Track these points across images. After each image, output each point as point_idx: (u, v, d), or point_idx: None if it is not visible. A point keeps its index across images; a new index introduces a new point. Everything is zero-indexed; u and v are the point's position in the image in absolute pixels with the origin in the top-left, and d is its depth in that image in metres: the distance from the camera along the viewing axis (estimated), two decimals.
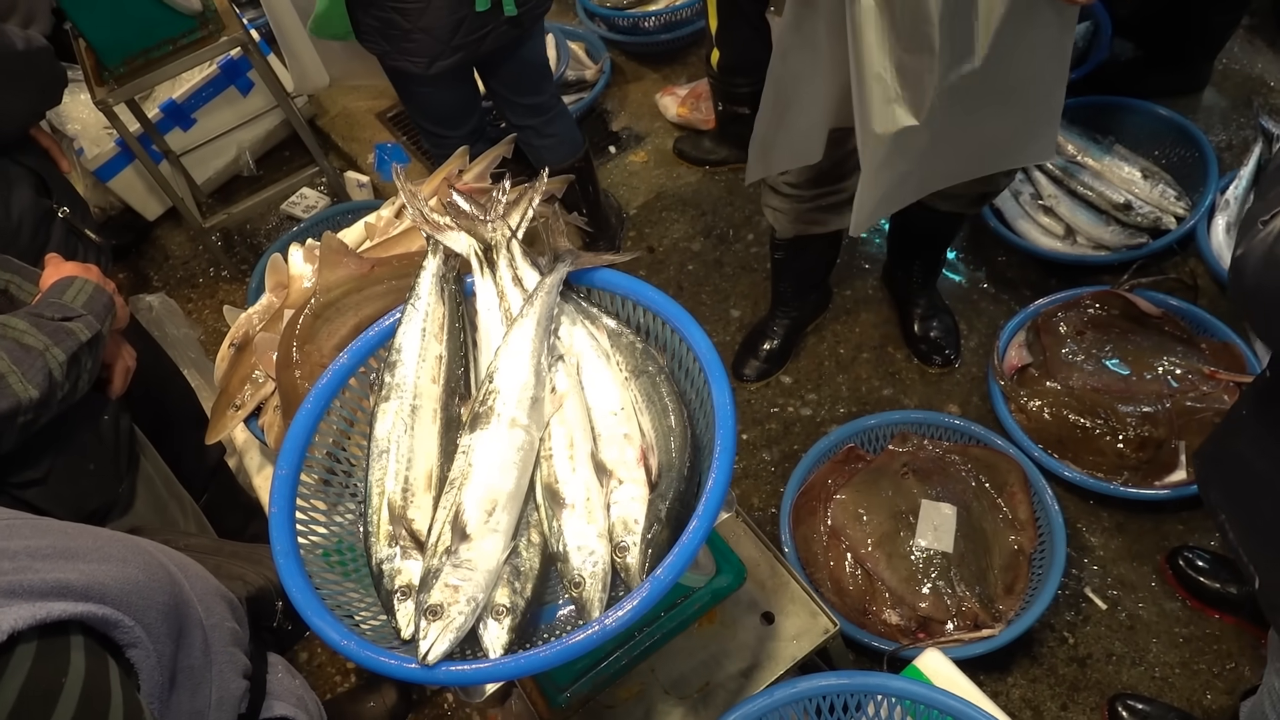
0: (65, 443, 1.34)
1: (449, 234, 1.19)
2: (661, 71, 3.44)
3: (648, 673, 1.39)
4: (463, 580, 0.94)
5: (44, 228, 1.66)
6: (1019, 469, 2.03)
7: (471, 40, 2.07)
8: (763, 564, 1.47)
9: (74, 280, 1.33)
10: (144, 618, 0.84)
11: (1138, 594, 1.97)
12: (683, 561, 0.90)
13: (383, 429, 1.10)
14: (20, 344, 1.18)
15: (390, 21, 2.04)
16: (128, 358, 1.47)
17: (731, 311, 2.66)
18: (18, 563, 0.77)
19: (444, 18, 2.01)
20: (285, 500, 1.04)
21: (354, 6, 2.07)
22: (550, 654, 0.87)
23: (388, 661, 0.90)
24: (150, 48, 2.55)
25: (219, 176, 3.45)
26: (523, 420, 1.04)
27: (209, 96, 3.22)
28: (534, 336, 1.08)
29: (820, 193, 1.96)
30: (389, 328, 1.18)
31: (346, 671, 2.18)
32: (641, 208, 2.99)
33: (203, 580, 1.02)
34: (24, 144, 1.72)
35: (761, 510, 2.24)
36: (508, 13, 2.03)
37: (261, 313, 1.68)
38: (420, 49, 2.07)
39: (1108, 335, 2.20)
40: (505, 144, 1.84)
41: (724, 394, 1.00)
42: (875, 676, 1.22)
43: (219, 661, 0.97)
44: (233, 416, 1.59)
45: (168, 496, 1.57)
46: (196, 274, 3.26)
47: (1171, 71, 2.76)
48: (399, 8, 2.00)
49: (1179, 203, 2.47)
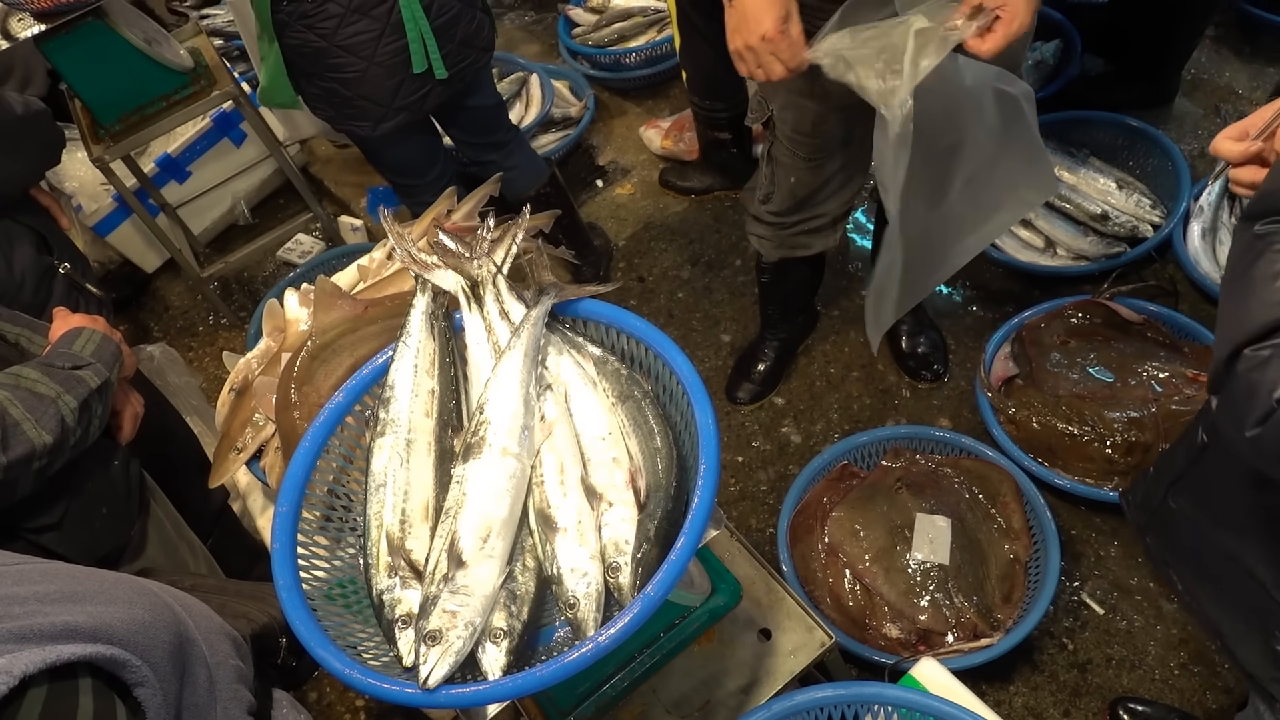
0: (78, 488, 1.37)
1: (436, 272, 1.23)
2: (644, 105, 3.51)
3: (649, 693, 1.41)
4: (460, 605, 0.97)
5: (46, 283, 1.71)
6: (1011, 479, 2.06)
7: (413, 101, 2.15)
8: (758, 581, 1.50)
9: (82, 330, 1.38)
10: (150, 657, 0.86)
11: (1135, 598, 1.99)
12: (671, 577, 0.93)
13: (379, 463, 1.13)
14: (33, 393, 1.22)
15: (332, 90, 2.12)
16: (136, 404, 1.51)
17: (722, 336, 2.70)
18: (27, 607, 0.79)
19: (383, 83, 2.09)
20: (287, 536, 1.07)
21: (296, 78, 2.15)
22: (547, 673, 0.90)
23: (389, 687, 0.93)
24: (144, 105, 2.62)
25: (215, 226, 3.51)
26: (514, 449, 1.07)
27: (203, 149, 3.29)
28: (522, 367, 1.12)
29: (802, 218, 2.01)
30: (382, 365, 1.22)
31: (355, 709, 2.19)
32: (630, 239, 3.04)
33: (207, 619, 1.05)
34: (24, 203, 1.78)
35: (760, 531, 2.27)
36: (438, 76, 2.11)
37: (260, 357, 1.72)
38: (364, 114, 2.15)
39: (1091, 343, 2.24)
40: (492, 183, 1.89)
41: (706, 414, 1.04)
42: (871, 686, 1.25)
43: (224, 699, 0.99)
44: (235, 459, 1.63)
45: (177, 539, 1.60)
46: (196, 323, 3.30)
47: (1141, 84, 2.82)
48: (338, 78, 2.08)
49: (1154, 211, 2.52)
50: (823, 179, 1.93)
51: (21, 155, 1.72)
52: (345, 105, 2.14)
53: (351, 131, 2.25)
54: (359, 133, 2.22)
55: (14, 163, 1.70)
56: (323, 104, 2.18)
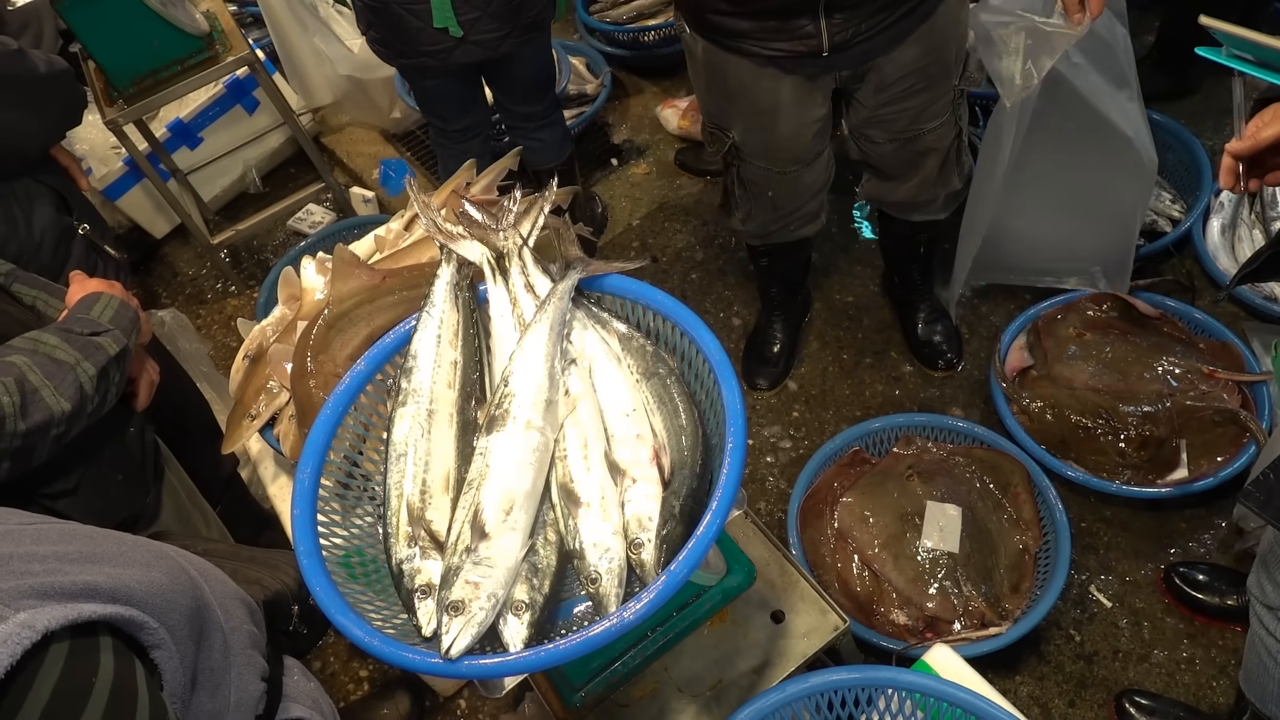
0: (94, 455, 1.36)
1: (462, 243, 1.22)
2: (661, 85, 3.48)
3: (661, 671, 1.41)
4: (483, 577, 0.96)
5: (65, 244, 1.70)
6: (1022, 469, 2.05)
7: (436, 50, 2.21)
8: (772, 563, 1.50)
9: (100, 296, 1.36)
10: (167, 620, 0.85)
11: (1142, 591, 1.99)
12: (698, 555, 0.92)
13: (400, 433, 1.12)
14: (52, 359, 1.21)
15: (374, 10, 2.21)
16: (151, 371, 1.50)
17: (734, 320, 2.69)
18: (46, 565, 0.78)
19: (403, 25, 2.18)
20: (307, 502, 1.06)
21: None
22: (571, 647, 0.89)
23: (412, 657, 0.92)
24: (159, 68, 2.59)
25: (226, 194, 3.49)
26: (538, 422, 1.07)
27: (215, 115, 3.27)
28: (547, 341, 1.11)
29: (787, 222, 2.07)
30: (404, 335, 1.20)
31: (359, 679, 2.20)
32: (645, 218, 3.02)
33: (221, 584, 1.04)
34: (45, 163, 1.76)
35: (769, 515, 2.27)
36: (454, 35, 2.16)
37: (275, 325, 1.71)
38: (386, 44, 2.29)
39: (1107, 336, 2.23)
40: (511, 157, 1.87)
41: (734, 392, 1.03)
42: (886, 670, 1.24)
43: (238, 664, 0.99)
44: (248, 426, 1.62)
45: (191, 507, 1.60)
46: (204, 290, 3.29)
47: (1164, 77, 2.79)
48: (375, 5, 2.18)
49: (1174, 206, 2.50)
50: (805, 184, 1.94)
51: (44, 114, 1.70)
52: (375, 28, 2.26)
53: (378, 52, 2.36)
54: (380, 57, 2.34)
55: (36, 121, 1.68)
56: (362, 19, 2.31)
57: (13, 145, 1.69)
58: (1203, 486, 2.00)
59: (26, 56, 1.65)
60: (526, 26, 2.22)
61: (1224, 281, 2.34)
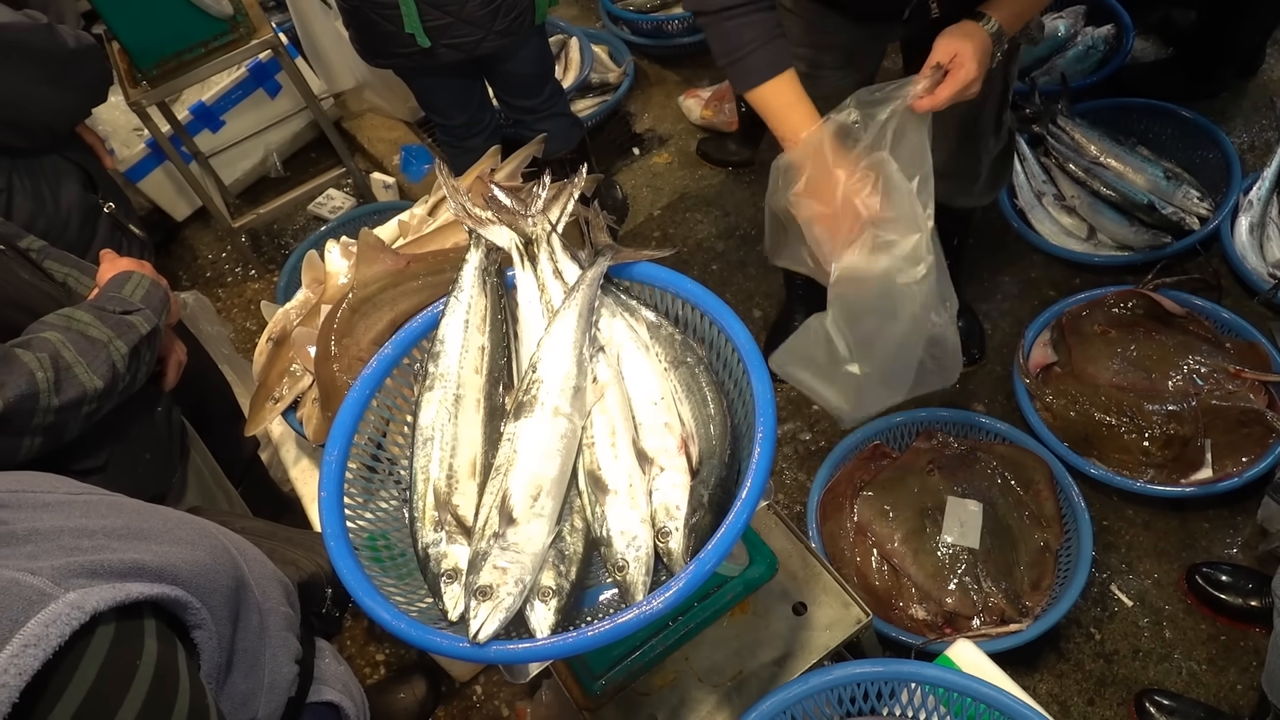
0: (123, 433, 1.37)
1: (490, 228, 1.21)
2: (684, 74, 3.46)
3: (681, 661, 1.41)
4: (511, 562, 0.96)
5: (90, 221, 1.70)
6: (1045, 466, 2.04)
7: (408, 53, 2.18)
8: (794, 555, 1.49)
9: (131, 275, 1.37)
10: (209, 600, 0.85)
11: (1164, 591, 1.98)
12: (727, 544, 0.92)
13: (427, 417, 1.12)
14: (85, 336, 1.22)
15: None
16: (179, 352, 1.51)
17: (754, 311, 2.67)
18: (95, 541, 0.78)
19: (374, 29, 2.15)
20: (334, 485, 1.06)
21: None
22: (600, 634, 0.89)
23: (440, 641, 0.92)
24: (183, 50, 2.59)
25: (247, 177, 3.49)
26: (566, 409, 1.06)
27: (238, 99, 3.27)
28: (576, 328, 1.10)
29: None
30: (431, 319, 1.20)
31: (376, 663, 2.20)
32: (666, 208, 3.01)
33: (260, 564, 1.04)
34: (71, 140, 1.76)
35: (788, 508, 2.26)
36: (421, 45, 2.12)
37: (299, 308, 1.71)
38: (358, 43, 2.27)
39: (1132, 334, 2.21)
40: (535, 144, 1.87)
41: (763, 383, 1.02)
42: (909, 664, 1.24)
43: (273, 645, 0.99)
44: (271, 409, 1.62)
45: (215, 488, 1.60)
46: (224, 273, 3.30)
47: (1195, 75, 2.76)
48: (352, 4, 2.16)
49: (1202, 204, 2.48)
50: None
51: (72, 90, 1.70)
52: (352, 28, 2.24)
53: None
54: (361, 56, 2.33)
55: (64, 97, 1.68)
56: (342, 18, 2.28)
57: (43, 120, 1.70)
58: (1227, 487, 1.98)
59: (56, 31, 1.66)
60: (503, 31, 2.17)
61: (1252, 280, 2.31)
